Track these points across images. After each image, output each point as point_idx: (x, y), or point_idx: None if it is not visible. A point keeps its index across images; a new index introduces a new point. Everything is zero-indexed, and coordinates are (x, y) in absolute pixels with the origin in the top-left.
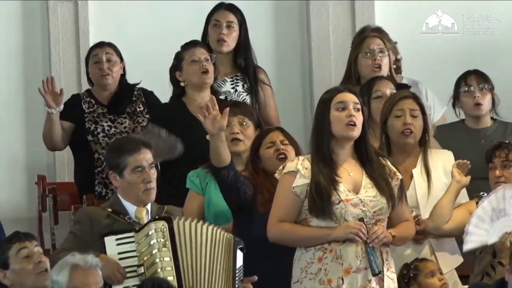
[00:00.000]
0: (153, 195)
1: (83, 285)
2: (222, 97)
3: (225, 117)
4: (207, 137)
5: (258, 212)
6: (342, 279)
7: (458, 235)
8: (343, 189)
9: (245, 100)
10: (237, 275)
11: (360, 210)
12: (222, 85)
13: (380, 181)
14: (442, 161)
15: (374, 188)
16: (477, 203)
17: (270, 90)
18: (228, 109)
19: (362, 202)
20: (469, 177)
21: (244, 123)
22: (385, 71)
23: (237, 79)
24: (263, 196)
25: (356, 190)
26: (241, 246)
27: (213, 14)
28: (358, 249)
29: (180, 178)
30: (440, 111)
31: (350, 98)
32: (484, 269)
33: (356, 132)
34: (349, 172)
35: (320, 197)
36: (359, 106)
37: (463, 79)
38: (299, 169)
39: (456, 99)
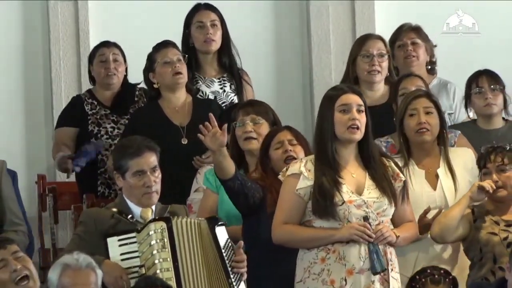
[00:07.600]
0: (154, 198)
1: (71, 285)
2: (211, 96)
3: (225, 134)
4: (182, 141)
5: (267, 212)
6: (345, 280)
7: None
8: (346, 190)
9: (233, 101)
10: (225, 254)
11: (364, 212)
12: (210, 85)
13: (383, 182)
14: (463, 159)
15: (377, 189)
16: (472, 210)
17: (251, 89)
18: (226, 125)
19: (366, 204)
20: (482, 196)
21: (258, 122)
22: (383, 75)
23: (224, 80)
24: (272, 196)
25: (359, 191)
26: (217, 222)
27: (194, 16)
28: (361, 249)
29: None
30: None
31: (354, 100)
32: (484, 275)
33: (359, 135)
34: (352, 174)
35: (324, 199)
36: (362, 108)
37: (474, 80)
38: (302, 171)
39: (468, 100)
